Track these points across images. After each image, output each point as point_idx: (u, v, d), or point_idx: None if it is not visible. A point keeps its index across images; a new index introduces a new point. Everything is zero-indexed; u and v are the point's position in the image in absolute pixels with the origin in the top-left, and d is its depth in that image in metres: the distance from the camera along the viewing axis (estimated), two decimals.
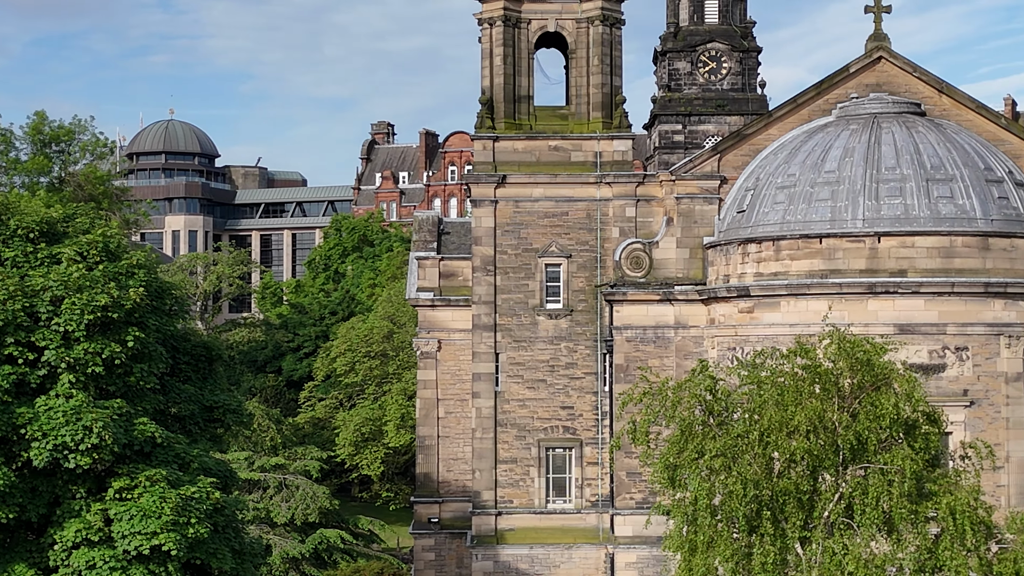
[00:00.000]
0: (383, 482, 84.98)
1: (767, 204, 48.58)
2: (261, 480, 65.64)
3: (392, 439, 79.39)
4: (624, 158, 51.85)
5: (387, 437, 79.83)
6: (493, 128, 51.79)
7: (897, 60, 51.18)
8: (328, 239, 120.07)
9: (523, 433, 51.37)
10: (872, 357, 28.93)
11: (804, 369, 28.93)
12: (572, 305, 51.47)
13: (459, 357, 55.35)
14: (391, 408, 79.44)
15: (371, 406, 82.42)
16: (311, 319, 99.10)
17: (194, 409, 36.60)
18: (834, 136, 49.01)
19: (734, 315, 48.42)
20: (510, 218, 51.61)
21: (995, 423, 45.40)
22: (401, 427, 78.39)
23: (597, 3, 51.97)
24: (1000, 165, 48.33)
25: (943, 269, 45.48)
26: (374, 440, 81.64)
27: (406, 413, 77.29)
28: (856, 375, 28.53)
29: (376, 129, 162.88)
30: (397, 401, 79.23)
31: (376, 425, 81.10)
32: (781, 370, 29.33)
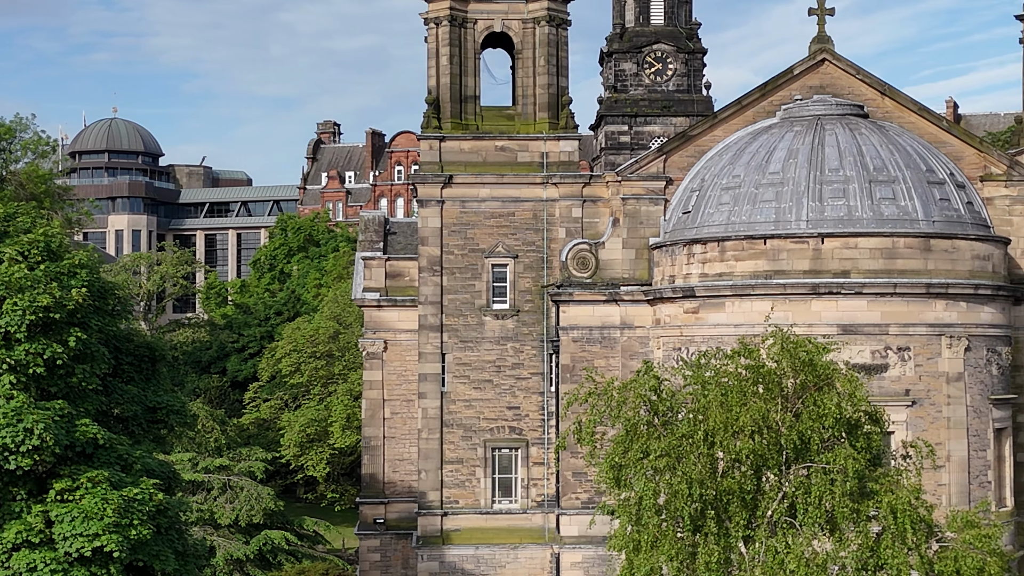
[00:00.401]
0: (328, 483, 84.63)
1: (712, 205, 48.85)
2: (205, 481, 65.16)
3: (338, 440, 79.06)
4: (570, 159, 51.95)
5: (332, 438, 79.50)
6: (440, 128, 51.72)
7: (840, 62, 51.62)
8: (274, 239, 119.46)
9: (469, 433, 51.34)
10: (815, 357, 29.16)
11: (748, 369, 29.11)
12: (519, 305, 51.51)
13: (405, 357, 55.27)
14: (337, 409, 79.12)
15: (316, 407, 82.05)
16: (256, 319, 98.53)
17: (137, 410, 36.32)
18: (778, 138, 49.36)
19: (679, 315, 48.63)
20: (457, 218, 51.56)
21: (936, 423, 45.88)
22: (347, 428, 78.08)
23: (543, 3, 52.04)
24: (941, 167, 48.86)
25: (886, 270, 45.90)
26: (319, 441, 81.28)
27: (352, 414, 77.00)
28: (799, 375, 28.75)
29: (322, 128, 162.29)
30: (343, 402, 78.92)
31: (321, 426, 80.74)
32: (725, 370, 29.48)
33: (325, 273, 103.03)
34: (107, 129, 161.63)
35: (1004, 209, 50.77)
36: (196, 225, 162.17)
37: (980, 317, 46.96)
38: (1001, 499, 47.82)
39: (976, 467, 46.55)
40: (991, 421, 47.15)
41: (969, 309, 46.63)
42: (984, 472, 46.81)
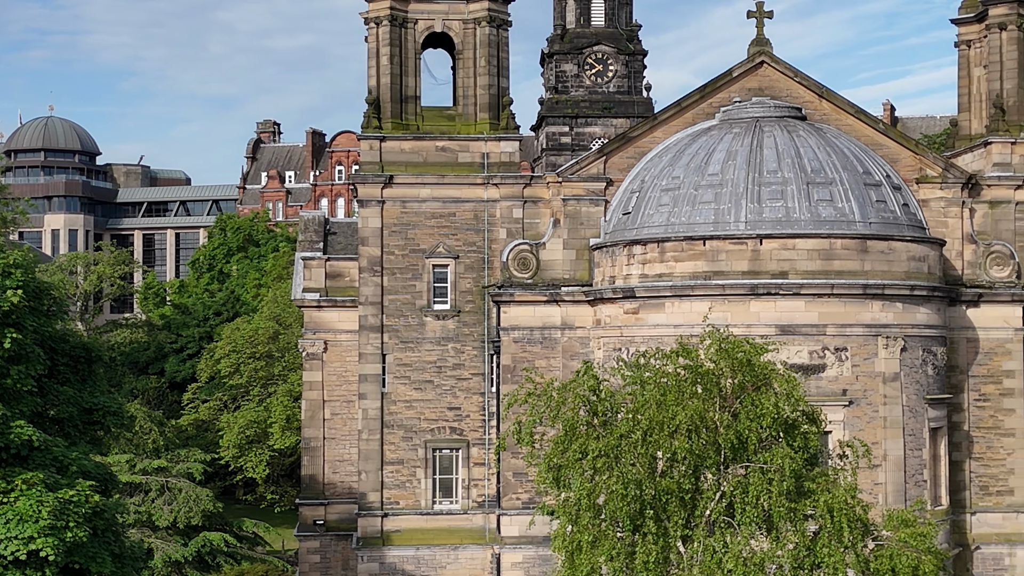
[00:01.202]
0: (268, 484, 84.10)
1: (652, 206, 49.08)
2: (143, 483, 64.50)
3: (277, 441, 78.60)
4: (511, 159, 51.98)
5: (272, 439, 79.02)
6: (380, 128, 51.57)
7: (779, 65, 52.04)
8: (213, 239, 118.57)
9: (410, 434, 51.24)
10: (752, 358, 29.36)
11: (686, 369, 29.27)
12: (459, 306, 51.48)
13: (345, 358, 55.01)
14: (276, 410, 78.63)
15: (256, 408, 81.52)
16: (195, 320, 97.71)
17: (73, 412, 35.98)
18: (717, 139, 49.68)
19: (620, 316, 48.81)
20: (397, 219, 51.44)
21: (873, 422, 46.36)
22: (286, 429, 77.64)
23: (484, 4, 52.05)
24: (878, 169, 49.39)
25: (823, 271, 46.31)
26: (259, 442, 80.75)
27: (292, 415, 76.56)
28: (737, 375, 28.94)
29: (262, 128, 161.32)
30: (282, 403, 78.44)
31: (261, 427, 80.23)
32: (664, 370, 29.63)
33: (264, 273, 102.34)
34: (43, 128, 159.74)
35: (939, 211, 51.42)
36: (134, 225, 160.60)
37: (916, 318, 47.50)
38: (937, 498, 48.40)
39: (912, 466, 47.09)
40: (927, 421, 47.71)
41: (905, 310, 47.16)
42: (920, 471, 47.36)
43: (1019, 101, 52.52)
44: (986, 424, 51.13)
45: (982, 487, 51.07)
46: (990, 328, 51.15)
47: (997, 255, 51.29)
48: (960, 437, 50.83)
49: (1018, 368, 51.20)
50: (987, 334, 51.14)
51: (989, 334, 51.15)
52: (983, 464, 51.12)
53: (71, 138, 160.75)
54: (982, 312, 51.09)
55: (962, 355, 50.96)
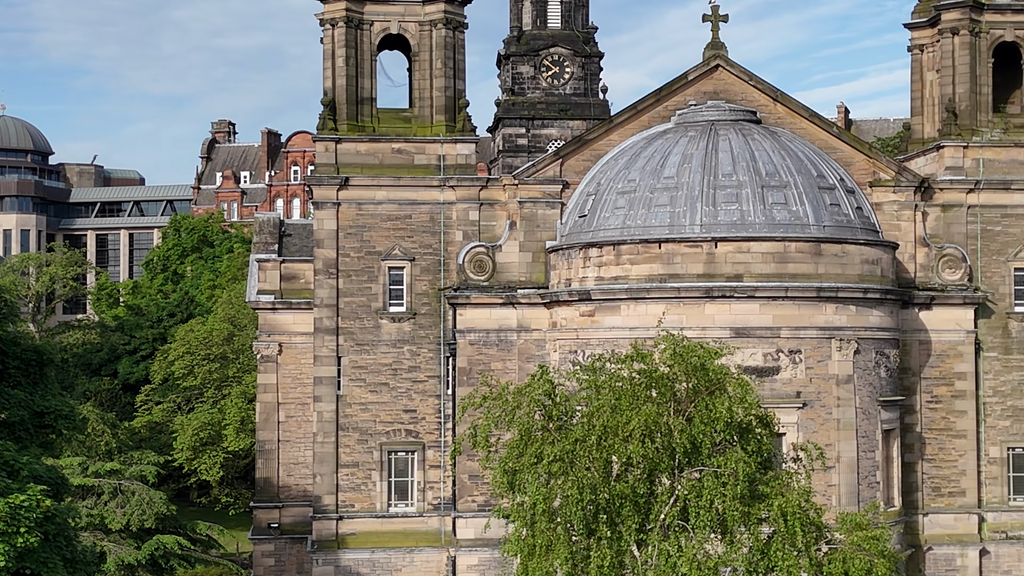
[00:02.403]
0: (222, 487, 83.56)
1: (608, 209, 49.16)
2: (95, 486, 63.92)
3: (232, 443, 78.11)
4: (467, 161, 51.92)
5: (226, 441, 78.52)
6: (335, 130, 51.39)
7: (734, 68, 52.27)
8: (167, 239, 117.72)
9: (365, 437, 51.08)
10: (706, 362, 29.46)
11: (640, 374, 29.33)
12: (415, 308, 51.37)
13: (300, 360, 54.79)
14: (231, 412, 78.16)
15: (210, 410, 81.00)
16: (148, 321, 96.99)
17: (24, 415, 35.68)
18: (673, 143, 49.83)
19: (576, 319, 48.86)
20: (353, 221, 51.27)
21: (827, 424, 46.63)
22: (241, 431, 77.16)
23: (440, 6, 51.98)
24: (832, 172, 49.70)
25: (777, 274, 46.53)
26: (213, 445, 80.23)
27: (246, 417, 76.11)
28: (691, 379, 29.01)
29: (217, 128, 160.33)
30: (237, 405, 77.97)
31: (215, 429, 79.71)
32: (618, 375, 29.66)
33: (219, 274, 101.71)
34: None
35: (892, 214, 51.82)
36: (87, 225, 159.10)
37: (869, 320, 47.83)
38: (889, 499, 48.75)
39: (865, 468, 47.39)
40: (880, 422, 48.05)
41: (858, 313, 47.47)
42: (873, 473, 47.68)
43: (971, 105, 52.99)
44: (938, 426, 51.56)
45: (934, 488, 51.50)
46: (942, 330, 51.59)
47: (949, 258, 51.73)
48: (912, 439, 51.24)
49: (970, 370, 51.68)
50: (939, 336, 51.58)
51: (941, 336, 51.60)
52: (935, 465, 51.54)
53: (23, 137, 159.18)
54: (934, 315, 51.52)
55: (915, 357, 51.37)
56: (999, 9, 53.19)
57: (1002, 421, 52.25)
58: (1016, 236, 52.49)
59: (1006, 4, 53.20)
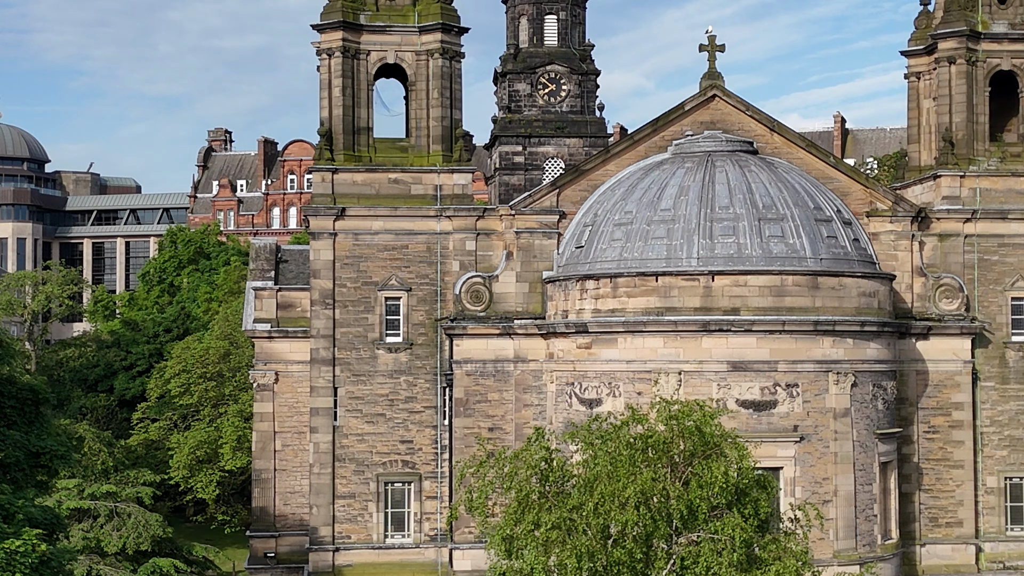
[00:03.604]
0: (218, 505, 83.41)
1: (605, 241, 49.11)
2: (91, 508, 63.86)
3: (228, 462, 77.94)
4: (464, 191, 51.87)
5: (223, 460, 78.37)
6: (332, 160, 51.32)
7: (730, 99, 52.23)
8: (163, 251, 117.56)
9: (362, 468, 51.01)
10: (703, 425, 29.39)
11: (637, 439, 29.26)
12: (412, 339, 51.31)
13: (297, 389, 54.66)
14: (227, 431, 78.00)
15: (206, 428, 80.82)
16: (145, 336, 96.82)
17: (19, 456, 35.58)
18: (670, 174, 49.76)
19: (572, 350, 48.80)
20: (349, 251, 51.21)
21: (824, 458, 46.58)
22: (237, 450, 77.00)
23: (437, 36, 51.91)
24: (828, 204, 49.65)
25: (774, 307, 46.49)
26: (209, 463, 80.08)
27: (243, 435, 75.97)
28: (687, 443, 28.96)
29: (213, 136, 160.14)
30: (233, 424, 77.78)
31: (211, 448, 79.57)
32: (615, 436, 29.58)
33: (216, 287, 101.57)
34: None
35: (889, 244, 51.80)
36: (83, 233, 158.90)
37: (866, 353, 47.78)
38: (887, 531, 48.71)
39: (862, 501, 47.33)
40: (877, 455, 48.01)
41: (855, 345, 47.43)
42: (870, 506, 47.63)
43: (968, 134, 52.97)
44: (935, 456, 51.55)
45: (931, 519, 51.47)
46: (939, 360, 51.56)
47: (946, 288, 51.71)
48: (910, 469, 51.21)
49: (967, 400, 51.65)
50: (936, 367, 51.56)
51: (938, 366, 51.57)
52: (932, 496, 51.51)
53: (19, 145, 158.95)
54: (931, 345, 51.49)
55: (912, 387, 51.33)
56: (996, 38, 53.16)
57: (999, 451, 52.25)
58: (1013, 265, 52.48)
59: (1003, 33, 53.18)
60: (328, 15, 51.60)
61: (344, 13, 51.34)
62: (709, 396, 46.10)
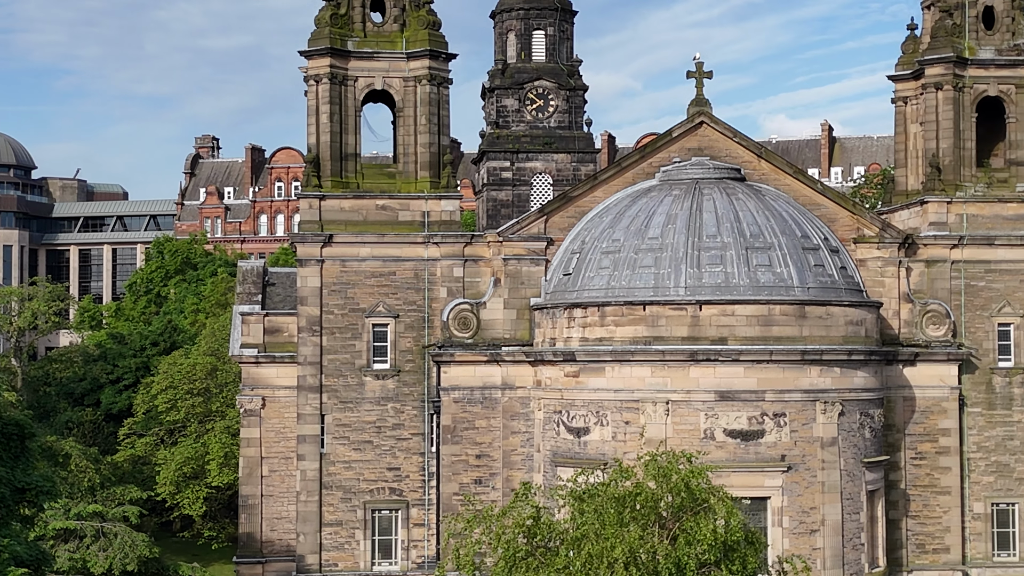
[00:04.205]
0: (205, 520, 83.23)
1: (592, 269, 49.09)
2: (78, 529, 63.68)
3: (215, 479, 77.79)
4: (452, 218, 51.82)
5: (210, 476, 78.19)
6: (320, 187, 51.23)
7: (718, 125, 52.27)
8: (150, 261, 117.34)
9: (349, 495, 50.93)
10: (690, 481, 29.36)
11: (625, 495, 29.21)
12: (399, 365, 51.23)
13: (284, 414, 54.52)
14: (214, 447, 77.83)
15: (193, 444, 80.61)
16: (131, 350, 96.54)
17: (4, 492, 35.55)
18: (657, 201, 49.74)
19: (560, 378, 48.77)
20: (337, 277, 51.13)
21: (811, 487, 46.61)
22: (224, 466, 76.84)
23: (424, 63, 51.85)
24: (816, 232, 49.67)
25: (762, 337, 46.51)
26: (196, 479, 79.90)
27: (229, 452, 75.81)
28: (675, 498, 28.93)
29: (200, 143, 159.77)
30: (220, 440, 77.62)
31: (199, 464, 79.38)
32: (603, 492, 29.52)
33: (203, 298, 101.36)
34: None
35: (876, 270, 51.86)
36: (70, 240, 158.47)
37: (853, 382, 47.83)
38: (874, 559, 48.78)
39: (850, 530, 47.39)
40: (864, 484, 48.05)
41: (843, 374, 47.47)
42: (857, 535, 47.68)
43: (955, 160, 53.04)
44: (922, 482, 51.62)
45: (919, 545, 51.54)
46: (926, 387, 51.64)
47: (933, 314, 51.78)
48: (897, 496, 51.27)
49: (954, 426, 51.73)
50: (923, 393, 51.63)
51: (926, 393, 51.65)
52: (920, 522, 51.59)
53: (6, 152, 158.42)
54: (919, 371, 51.56)
55: (899, 414, 51.40)
56: (983, 64, 53.24)
57: (986, 477, 52.33)
58: (999, 291, 52.56)
59: (989, 59, 53.26)
60: (316, 41, 51.50)
61: (332, 40, 51.24)
62: (697, 426, 46.29)
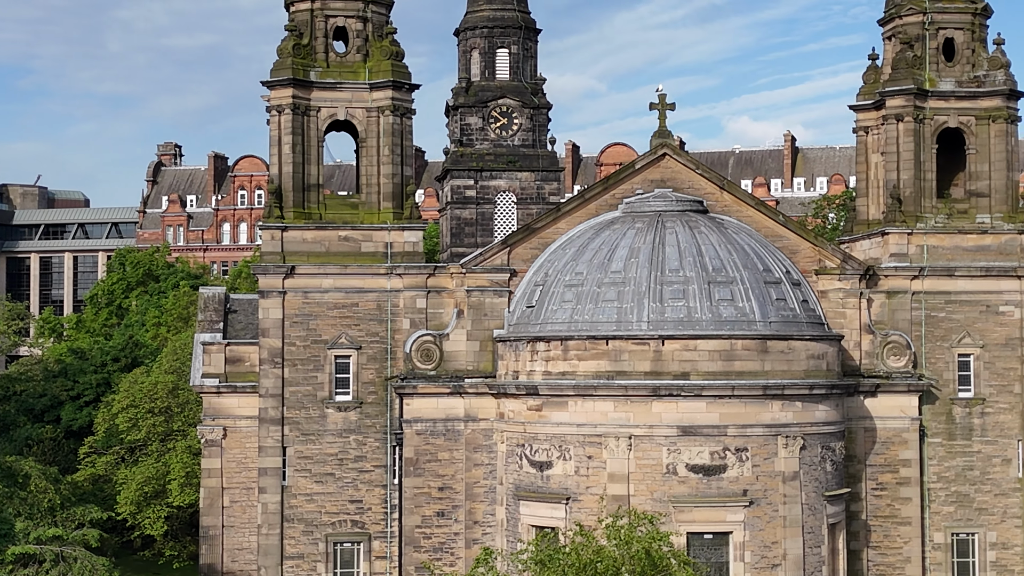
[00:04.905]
0: (167, 539, 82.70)
1: (555, 302, 49.07)
2: (37, 553, 63.16)
3: (176, 498, 77.32)
4: (415, 249, 51.69)
5: (171, 496, 77.70)
6: (282, 218, 51.00)
7: (681, 157, 52.42)
8: (111, 273, 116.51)
9: (310, 528, 50.74)
10: (650, 547, 29.36)
11: (587, 563, 29.20)
12: (362, 397, 51.07)
13: (246, 444, 54.11)
14: (175, 467, 77.33)
15: (154, 464, 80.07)
16: (92, 366, 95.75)
17: None
18: (620, 234, 49.77)
19: (523, 412, 48.74)
20: (299, 309, 50.91)
21: (773, 522, 46.75)
22: (185, 485, 76.36)
23: (387, 93, 51.72)
24: (778, 265, 49.83)
25: (724, 372, 46.63)
26: (157, 498, 79.38)
27: (191, 471, 75.36)
28: (637, 565, 28.94)
29: (163, 150, 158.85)
30: (181, 459, 77.12)
31: (159, 483, 78.88)
32: (565, 559, 29.51)
33: (165, 311, 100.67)
34: None
35: (838, 301, 52.08)
36: (31, 248, 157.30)
37: (815, 416, 48.02)
38: None
39: (811, 564, 47.55)
40: (825, 517, 48.23)
41: (804, 408, 47.65)
42: (819, 568, 47.87)
43: (915, 192, 53.32)
44: (883, 513, 51.89)
45: (880, 575, 51.78)
46: (887, 417, 51.91)
47: (894, 345, 52.05)
48: (858, 526, 51.52)
49: (914, 457, 52.03)
50: (884, 424, 51.90)
51: (886, 424, 51.91)
52: (880, 553, 51.86)
53: None
54: (879, 402, 51.83)
55: (860, 445, 51.64)
56: (943, 96, 53.54)
57: (946, 507, 52.65)
58: (960, 322, 52.88)
59: (950, 91, 53.57)
60: (278, 72, 51.26)
61: (294, 70, 51.00)
62: (659, 461, 46.38)
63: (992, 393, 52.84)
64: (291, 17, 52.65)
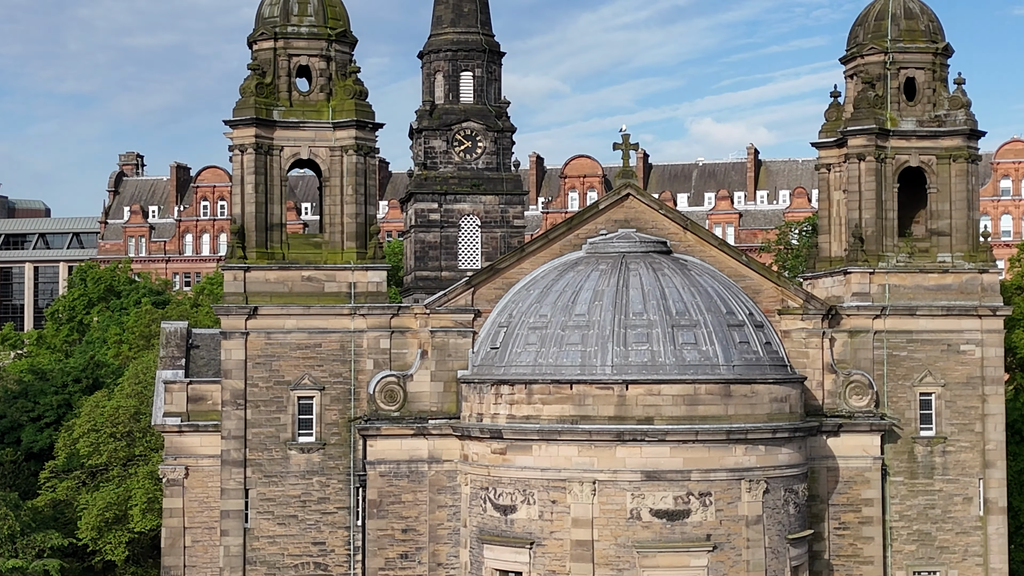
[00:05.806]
0: (128, 565, 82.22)
1: (520, 344, 49.01)
2: None
3: (137, 524, 76.88)
4: (379, 289, 51.54)
5: (132, 522, 77.25)
6: (244, 258, 50.71)
7: (644, 198, 52.49)
8: (73, 288, 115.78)
9: (273, 571, 50.50)
10: None
11: None
12: (325, 439, 50.89)
13: (208, 484, 53.80)
14: (137, 493, 76.89)
15: (116, 489, 79.57)
16: (53, 387, 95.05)
17: None
18: (584, 276, 49.77)
19: (487, 455, 48.65)
20: (262, 350, 50.65)
21: (736, 566, 46.89)
22: (147, 511, 75.95)
23: (351, 132, 51.56)
24: (741, 308, 49.95)
25: (688, 416, 46.72)
26: (118, 524, 78.91)
27: (153, 497, 74.94)
28: None
29: (125, 160, 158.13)
30: (143, 485, 76.71)
31: (121, 509, 78.41)
32: None
33: (126, 329, 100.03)
34: None
35: (801, 341, 52.27)
36: None
37: (778, 459, 48.17)
38: None
39: None
40: (788, 560, 48.41)
41: (768, 452, 47.81)
42: None
43: (877, 231, 53.58)
44: (846, 552, 52.11)
45: None
46: (850, 457, 52.12)
47: (856, 384, 52.29)
48: (820, 566, 51.70)
49: (876, 496, 52.27)
50: (847, 463, 52.11)
51: (849, 463, 52.13)
52: None
53: None
54: (842, 441, 52.04)
55: (823, 484, 51.86)
56: (904, 135, 53.82)
57: (908, 545, 52.92)
58: (921, 361, 53.16)
59: (911, 131, 53.84)
60: (240, 111, 50.97)
61: (257, 110, 50.74)
62: (623, 506, 46.46)
63: (953, 432, 53.16)
64: (254, 56, 52.40)
